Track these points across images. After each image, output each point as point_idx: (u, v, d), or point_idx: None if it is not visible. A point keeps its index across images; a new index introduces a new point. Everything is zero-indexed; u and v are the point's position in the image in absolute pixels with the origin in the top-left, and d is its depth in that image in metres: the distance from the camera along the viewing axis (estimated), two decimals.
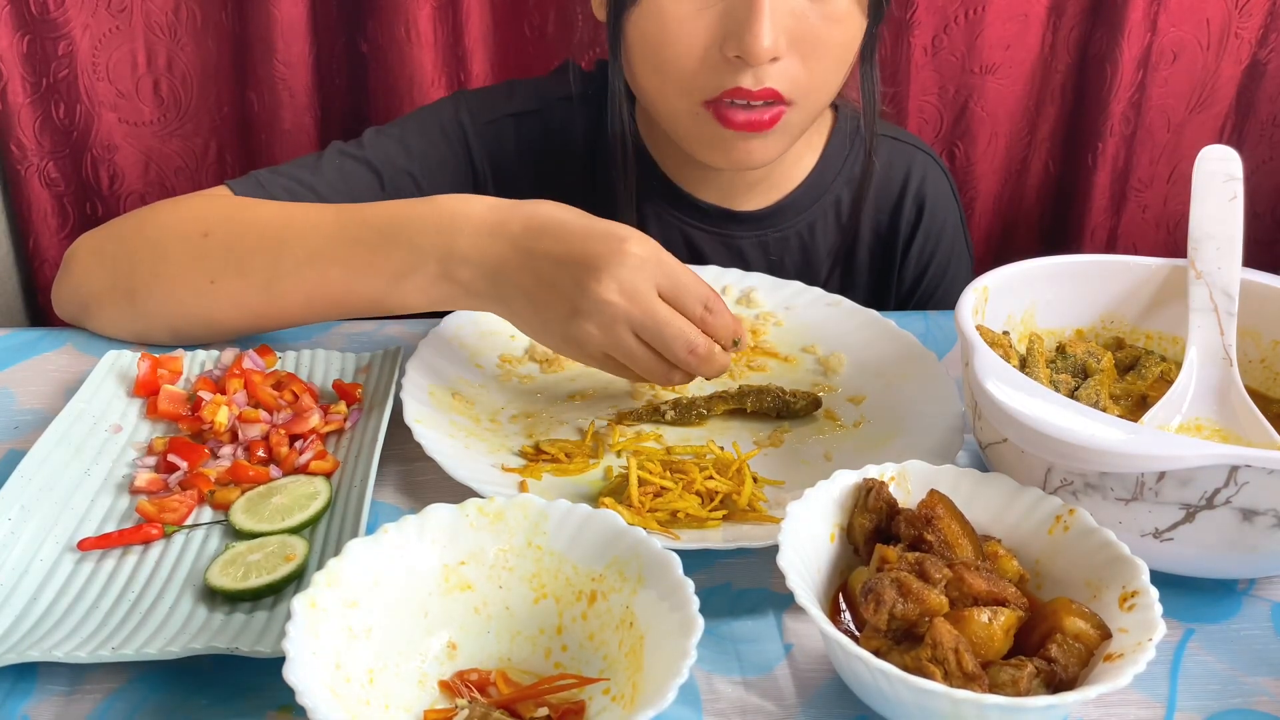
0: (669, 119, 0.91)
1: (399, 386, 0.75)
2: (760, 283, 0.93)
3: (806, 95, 0.86)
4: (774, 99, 0.84)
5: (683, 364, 0.71)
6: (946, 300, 1.08)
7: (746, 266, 1.01)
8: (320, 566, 0.53)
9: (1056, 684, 0.52)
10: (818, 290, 0.91)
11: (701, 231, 1.01)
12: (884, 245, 1.07)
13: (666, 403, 0.78)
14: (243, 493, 0.67)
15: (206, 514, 0.67)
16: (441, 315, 0.84)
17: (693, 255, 1.01)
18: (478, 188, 1.00)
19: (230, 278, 0.78)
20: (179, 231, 0.81)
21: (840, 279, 1.06)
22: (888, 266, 1.08)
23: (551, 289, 0.70)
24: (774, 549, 0.55)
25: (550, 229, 0.71)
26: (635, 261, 0.69)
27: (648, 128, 1.00)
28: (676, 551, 0.55)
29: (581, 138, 1.01)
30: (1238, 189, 0.76)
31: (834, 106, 1.03)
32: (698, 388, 0.82)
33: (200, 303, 0.80)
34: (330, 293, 0.77)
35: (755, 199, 1.01)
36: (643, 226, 0.99)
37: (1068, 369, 0.75)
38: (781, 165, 0.98)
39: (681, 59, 0.84)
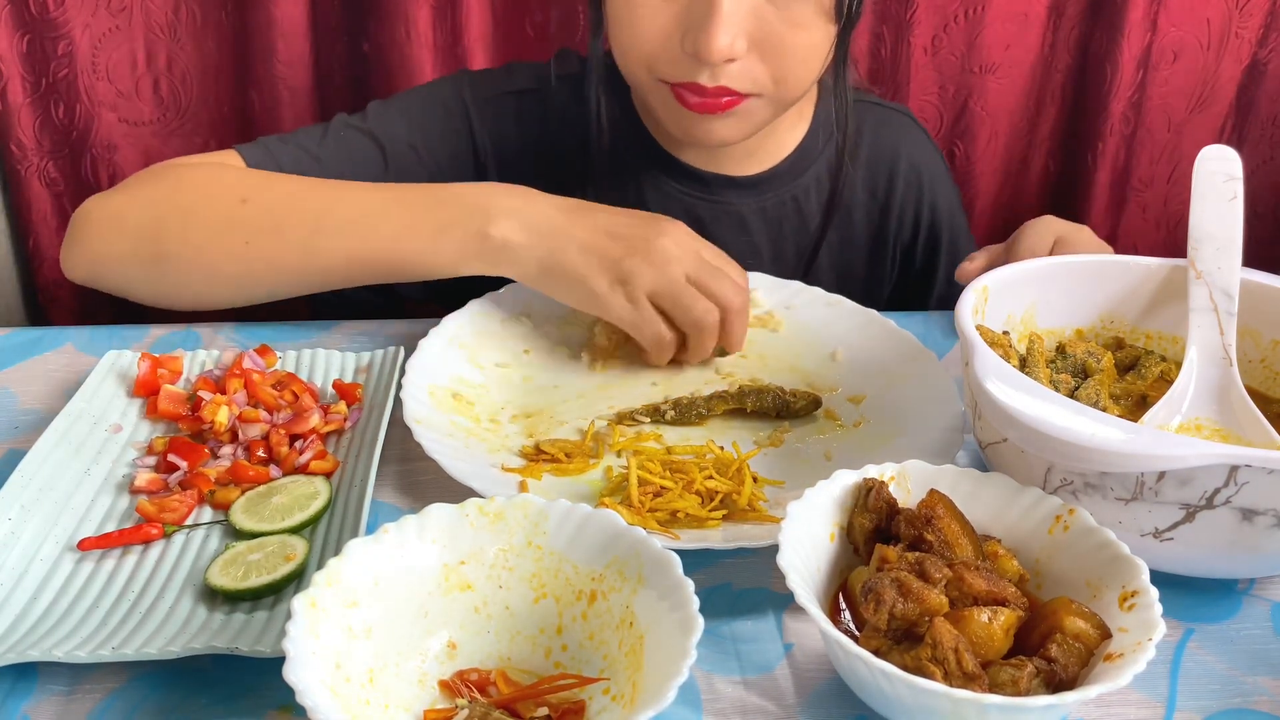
0: (638, 90, 0.93)
1: (399, 386, 0.75)
2: (760, 283, 0.93)
3: (771, 90, 0.86)
4: (729, 95, 0.85)
5: (731, 304, 0.80)
6: (954, 253, 1.09)
7: (747, 231, 1.02)
8: (320, 566, 0.53)
9: (1056, 684, 0.52)
10: (818, 290, 0.91)
11: (700, 200, 1.01)
12: (880, 211, 1.07)
13: (667, 402, 0.78)
14: (243, 492, 0.67)
15: (206, 514, 0.67)
16: (454, 305, 0.85)
17: (693, 224, 1.01)
18: (479, 162, 1.01)
19: (267, 238, 0.80)
20: (213, 199, 0.82)
21: (839, 245, 1.07)
22: (882, 232, 1.08)
23: (609, 236, 0.79)
24: (774, 549, 0.55)
25: (599, 206, 0.81)
26: (686, 229, 0.81)
27: (643, 101, 1.00)
28: (676, 551, 0.55)
29: (579, 118, 1.01)
30: (1238, 189, 0.76)
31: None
32: (697, 388, 0.82)
33: (235, 265, 0.81)
34: (373, 249, 0.80)
35: (752, 164, 1.01)
36: (642, 198, 1.01)
37: (1068, 369, 0.75)
38: (775, 131, 0.98)
39: (644, 44, 0.85)
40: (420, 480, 0.71)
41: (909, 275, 1.11)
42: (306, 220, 0.80)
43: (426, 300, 1.05)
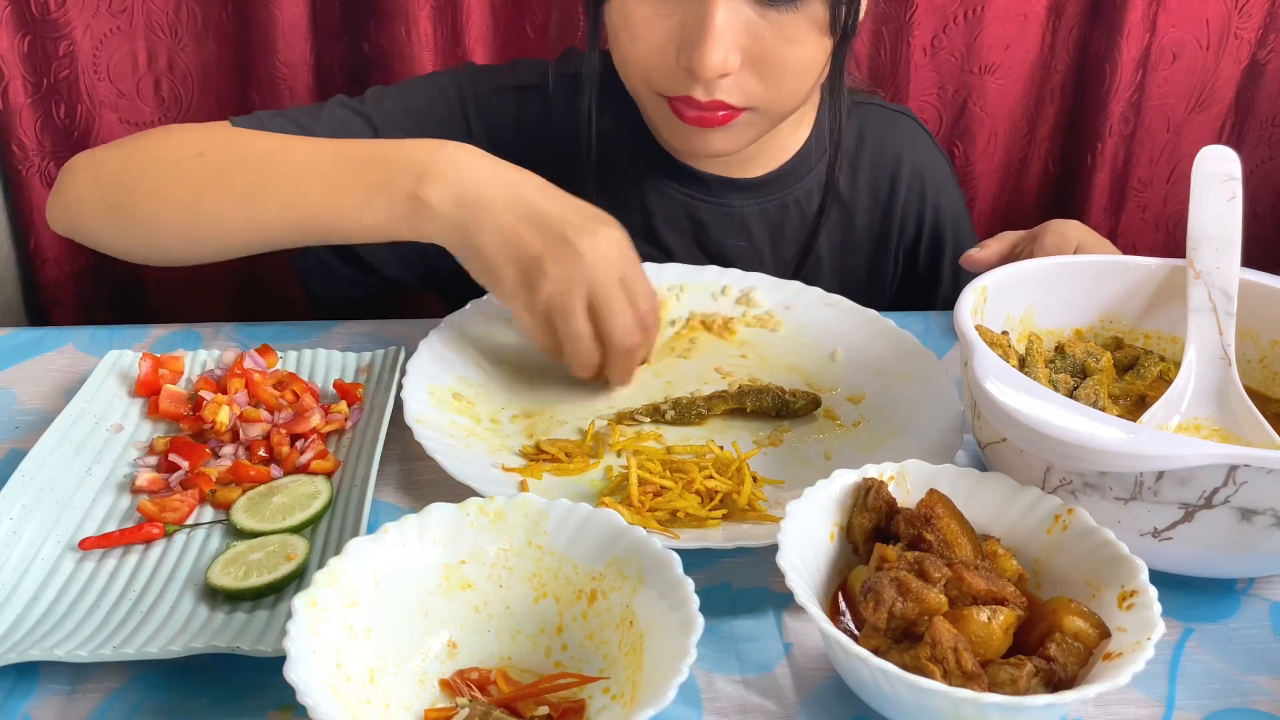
0: (637, 100, 0.93)
1: (399, 386, 0.75)
2: (760, 282, 0.93)
3: (766, 104, 0.86)
4: (724, 109, 0.85)
5: (617, 344, 0.75)
6: (959, 256, 1.08)
7: (749, 234, 1.02)
8: (321, 566, 0.53)
9: (1055, 683, 0.52)
10: (817, 290, 0.91)
11: (701, 202, 1.01)
12: (883, 214, 1.07)
13: (666, 402, 0.78)
14: (244, 492, 0.67)
15: (208, 513, 0.67)
16: (454, 305, 0.85)
17: (695, 227, 1.01)
18: None
19: (213, 194, 0.79)
20: (174, 152, 0.82)
21: (841, 247, 1.07)
22: (885, 236, 1.08)
23: (532, 227, 0.74)
24: (774, 548, 0.55)
25: (547, 189, 0.76)
26: (618, 240, 0.76)
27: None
28: (676, 551, 0.55)
29: (577, 115, 1.01)
30: (1237, 189, 0.76)
31: None
32: (697, 388, 0.82)
33: (183, 219, 0.80)
34: (304, 207, 0.77)
35: (754, 167, 1.01)
36: (643, 200, 1.01)
37: (1067, 369, 0.75)
38: (777, 134, 0.98)
39: (640, 57, 0.85)
40: (421, 480, 0.71)
41: (913, 277, 1.11)
42: (252, 178, 0.79)
43: (421, 287, 1.05)
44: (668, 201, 1.01)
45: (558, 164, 0.99)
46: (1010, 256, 0.95)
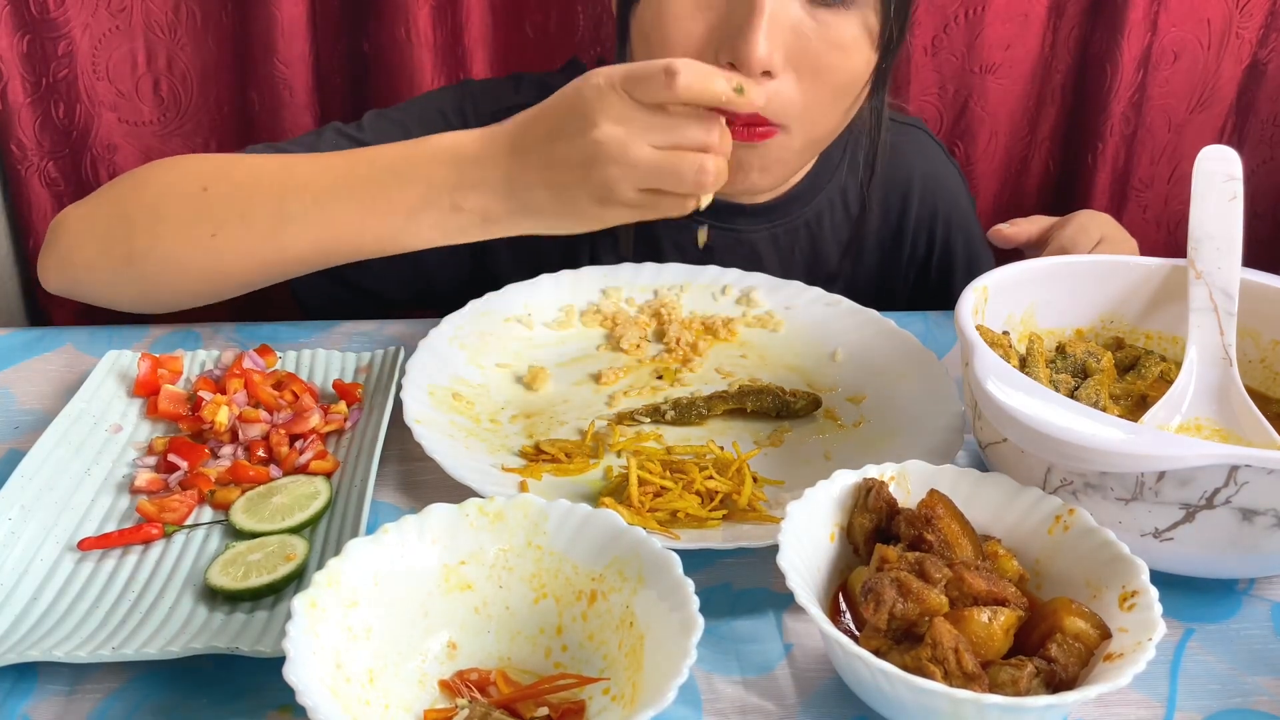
0: None
1: (399, 386, 0.75)
2: (760, 282, 0.93)
3: (799, 120, 0.84)
4: (761, 123, 0.82)
5: (704, 145, 0.70)
6: (969, 264, 1.08)
7: (759, 260, 1.01)
8: (320, 566, 0.53)
9: (1056, 684, 0.52)
10: (817, 290, 0.91)
11: (712, 228, 1.01)
12: (894, 231, 1.07)
13: (666, 402, 0.78)
14: (243, 492, 0.67)
15: (207, 514, 0.67)
16: (454, 305, 0.84)
17: (704, 253, 1.01)
18: None
19: (233, 228, 0.77)
20: (175, 190, 0.80)
21: (851, 268, 1.06)
22: (895, 252, 1.08)
23: (561, 164, 0.71)
24: (774, 549, 0.55)
25: (528, 120, 0.74)
26: (604, 87, 0.70)
27: None
28: (676, 551, 0.55)
29: None
30: (1237, 189, 0.76)
31: None
32: (697, 388, 0.82)
33: (204, 258, 0.78)
34: (342, 234, 0.77)
35: (763, 192, 1.00)
36: (652, 225, 0.99)
37: (1067, 369, 0.75)
38: None
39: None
40: (420, 480, 0.71)
41: (924, 289, 1.10)
42: (270, 208, 0.77)
43: (419, 306, 1.04)
44: (675, 228, 1.00)
45: None
46: (1039, 239, 0.95)
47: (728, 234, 1.01)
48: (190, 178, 0.80)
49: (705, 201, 0.73)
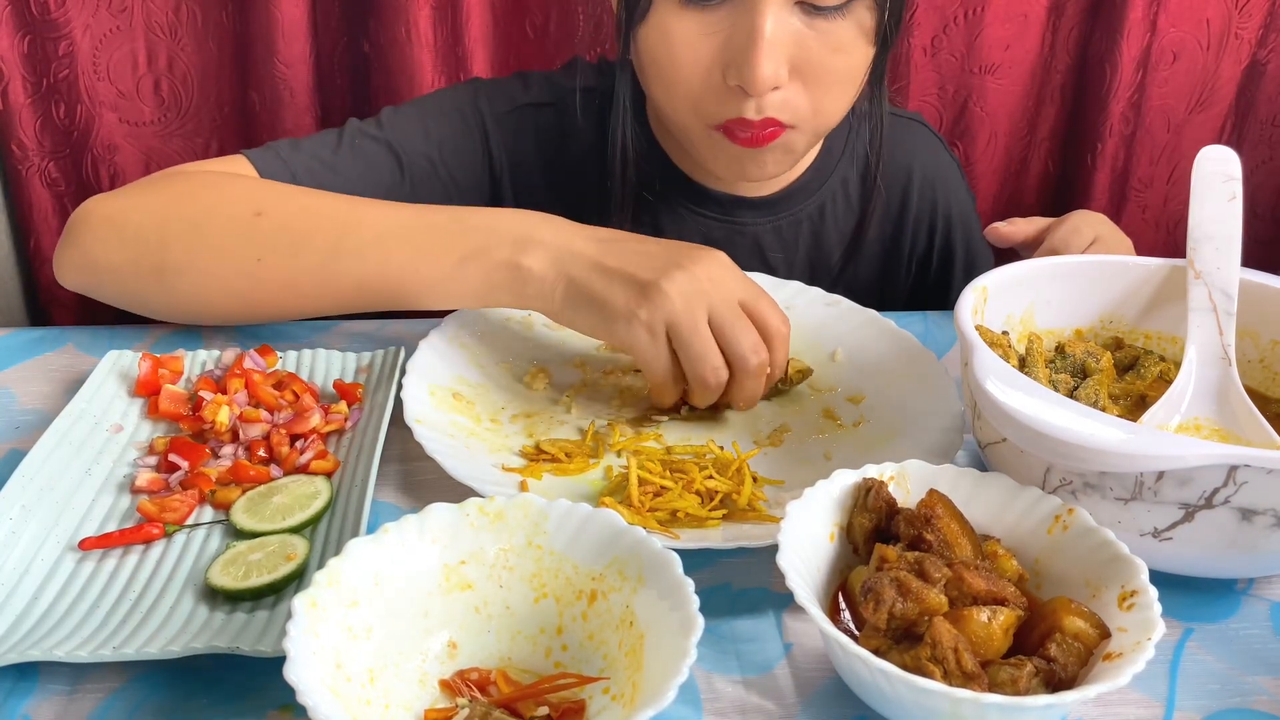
0: (681, 132, 0.91)
1: (399, 386, 0.75)
2: (760, 282, 0.93)
3: (808, 120, 0.86)
4: (774, 126, 0.84)
5: (745, 360, 0.72)
6: (969, 260, 1.09)
7: (761, 254, 1.02)
8: (321, 566, 0.53)
9: (1056, 683, 0.52)
10: (817, 290, 0.91)
11: (715, 221, 1.01)
12: (894, 224, 1.07)
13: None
14: (243, 492, 0.67)
15: (207, 513, 0.67)
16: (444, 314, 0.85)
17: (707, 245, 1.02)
18: (494, 176, 1.00)
19: (281, 257, 0.77)
20: (222, 211, 0.78)
21: (853, 262, 1.07)
22: (896, 245, 1.08)
23: (639, 257, 0.73)
24: (774, 548, 0.55)
25: (635, 236, 0.76)
26: (729, 263, 0.75)
27: (658, 121, 1.00)
28: (676, 551, 0.55)
29: (593, 132, 1.01)
30: (1237, 189, 0.76)
31: None
32: None
33: (243, 283, 0.78)
34: (389, 274, 0.76)
35: (767, 185, 1.01)
36: (656, 220, 1.00)
37: (1067, 369, 0.75)
38: None
39: (687, 81, 0.84)
40: (421, 480, 0.71)
41: (924, 284, 1.11)
42: (325, 241, 0.76)
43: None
44: (681, 222, 1.01)
45: (573, 184, 0.98)
46: (1035, 239, 0.95)
47: (730, 227, 1.01)
48: (242, 200, 0.79)
49: (695, 401, 0.75)
